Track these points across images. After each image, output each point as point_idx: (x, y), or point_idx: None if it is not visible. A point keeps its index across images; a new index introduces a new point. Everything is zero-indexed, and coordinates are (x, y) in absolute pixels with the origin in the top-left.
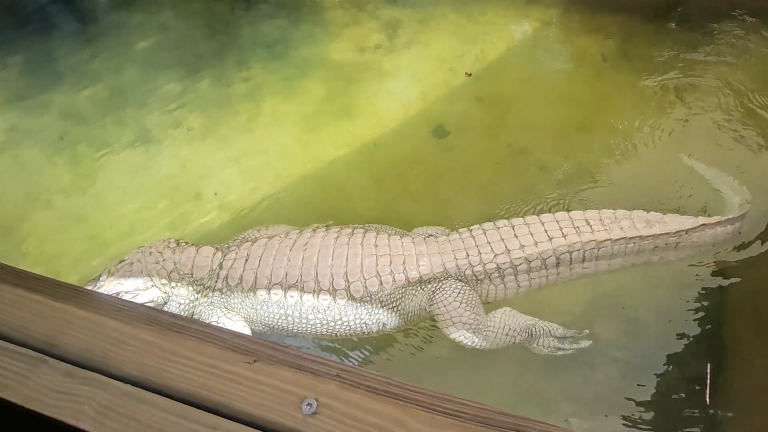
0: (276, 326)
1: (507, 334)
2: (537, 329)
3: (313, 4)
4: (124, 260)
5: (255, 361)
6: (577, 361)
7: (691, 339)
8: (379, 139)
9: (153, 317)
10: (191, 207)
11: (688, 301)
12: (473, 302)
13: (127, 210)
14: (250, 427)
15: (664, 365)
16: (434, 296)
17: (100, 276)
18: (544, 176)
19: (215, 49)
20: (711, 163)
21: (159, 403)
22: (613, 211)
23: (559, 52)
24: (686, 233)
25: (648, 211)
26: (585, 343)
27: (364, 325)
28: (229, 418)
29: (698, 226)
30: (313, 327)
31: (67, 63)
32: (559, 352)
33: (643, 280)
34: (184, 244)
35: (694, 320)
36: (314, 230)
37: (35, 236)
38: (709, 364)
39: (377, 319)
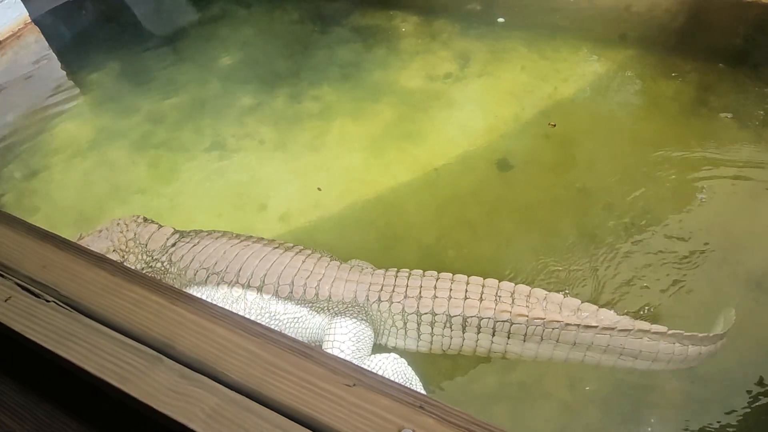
0: None
1: None
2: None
3: (388, 31)
4: (96, 228)
5: (354, 385)
6: (631, 422)
7: None
8: (442, 167)
9: (257, 331)
10: (256, 217)
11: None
12: (362, 339)
13: (198, 214)
14: None
15: None
16: (332, 320)
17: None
18: (607, 219)
19: (291, 68)
20: None
21: (263, 413)
22: (546, 292)
23: (633, 95)
24: (614, 332)
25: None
26: None
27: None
28: None
29: (628, 330)
30: None
31: (157, 72)
32: None
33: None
34: (150, 221)
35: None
36: (261, 238)
37: None
38: None
39: (277, 324)
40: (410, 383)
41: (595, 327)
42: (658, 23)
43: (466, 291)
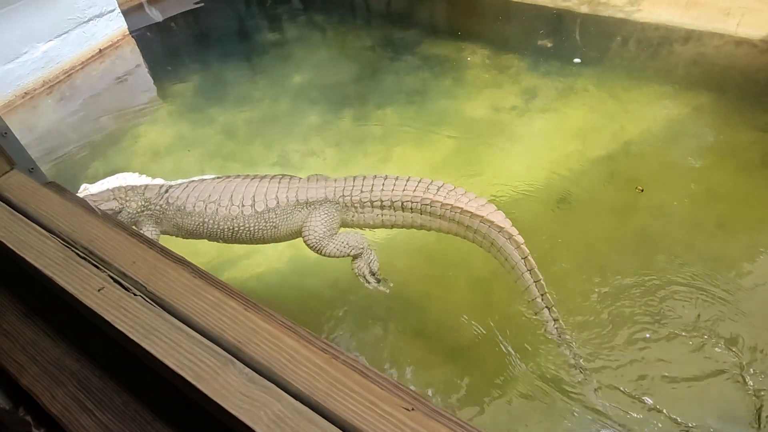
0: (195, 232)
1: (345, 245)
2: (365, 253)
3: (457, 61)
4: (99, 181)
5: (413, 409)
6: None
7: None
8: (500, 200)
9: (322, 346)
10: None
11: None
12: (331, 222)
13: None
14: None
15: None
16: (310, 213)
17: (80, 188)
18: (670, 269)
19: (359, 91)
20: None
21: (325, 427)
22: (464, 190)
23: (706, 141)
24: (492, 224)
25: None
26: (383, 288)
27: (260, 230)
28: None
29: (501, 228)
30: (222, 231)
31: (234, 87)
32: (361, 280)
33: None
34: (145, 176)
35: None
36: (238, 175)
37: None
38: None
39: (271, 226)
40: (363, 248)
41: (481, 216)
42: (739, 72)
43: (405, 186)
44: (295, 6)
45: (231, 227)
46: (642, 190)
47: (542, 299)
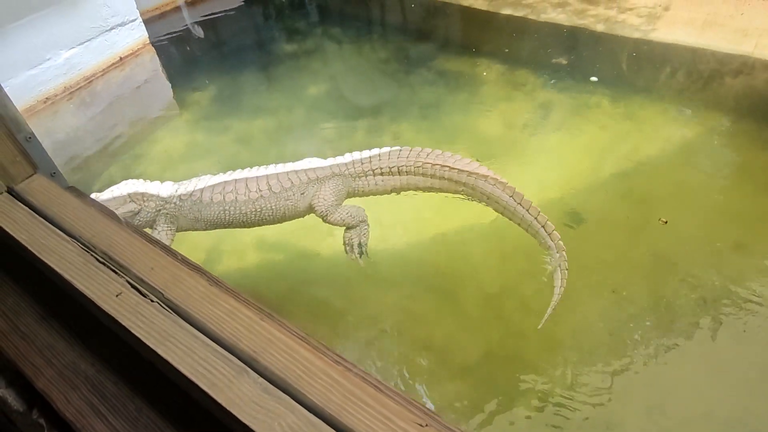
0: (217, 220)
1: (347, 215)
2: (360, 226)
3: (471, 76)
4: (109, 188)
5: (426, 425)
6: None
7: None
8: None
9: (336, 358)
10: (323, 241)
11: None
12: (339, 194)
13: (267, 234)
14: None
15: None
16: (321, 186)
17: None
18: (685, 291)
19: (374, 103)
20: None
21: None
22: (451, 153)
23: (723, 161)
24: (486, 178)
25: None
26: (361, 262)
27: (282, 208)
28: None
29: (486, 176)
30: (246, 215)
31: (250, 96)
32: (347, 248)
33: None
34: (149, 181)
35: None
36: (241, 170)
37: (186, 240)
38: None
39: (291, 203)
40: (362, 220)
41: (467, 171)
42: (756, 93)
43: (399, 154)
44: (313, 18)
45: (254, 209)
46: (666, 222)
47: (537, 219)
